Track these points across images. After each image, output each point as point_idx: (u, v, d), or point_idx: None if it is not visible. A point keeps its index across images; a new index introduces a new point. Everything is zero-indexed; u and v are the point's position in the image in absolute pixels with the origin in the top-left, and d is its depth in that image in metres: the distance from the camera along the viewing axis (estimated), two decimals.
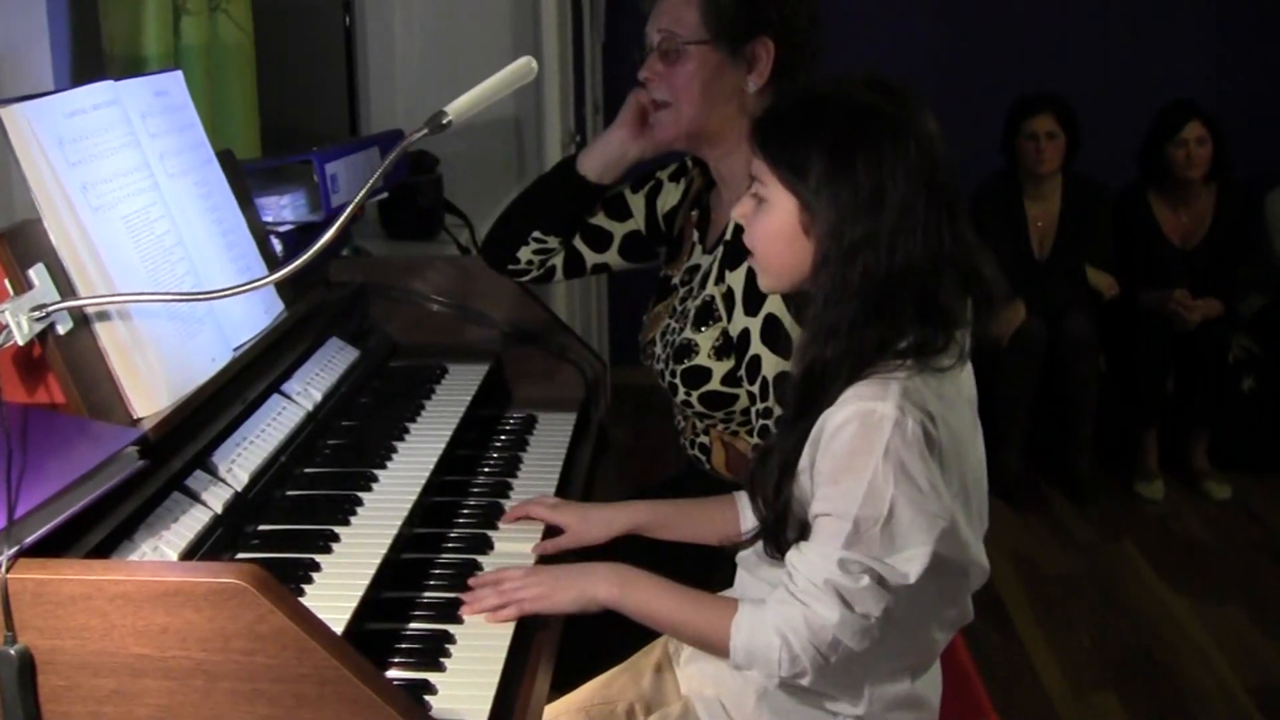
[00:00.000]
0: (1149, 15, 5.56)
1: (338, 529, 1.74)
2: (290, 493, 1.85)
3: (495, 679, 1.55)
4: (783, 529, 1.63)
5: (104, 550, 1.43)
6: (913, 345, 1.56)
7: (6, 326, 1.45)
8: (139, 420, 1.59)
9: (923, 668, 1.73)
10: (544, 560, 1.86)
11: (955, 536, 1.59)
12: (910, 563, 1.54)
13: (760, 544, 1.70)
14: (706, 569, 1.88)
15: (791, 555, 1.60)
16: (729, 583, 1.83)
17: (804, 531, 1.61)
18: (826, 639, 1.55)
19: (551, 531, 1.93)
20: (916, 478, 1.52)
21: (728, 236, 2.08)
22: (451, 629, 1.65)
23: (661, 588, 1.70)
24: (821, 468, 1.56)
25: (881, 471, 1.51)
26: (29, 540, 1.28)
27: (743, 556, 1.79)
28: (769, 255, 1.67)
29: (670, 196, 2.31)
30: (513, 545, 1.90)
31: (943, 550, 1.56)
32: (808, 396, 1.60)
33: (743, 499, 1.90)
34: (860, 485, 1.52)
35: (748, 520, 1.86)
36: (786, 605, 1.57)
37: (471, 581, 1.75)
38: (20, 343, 1.47)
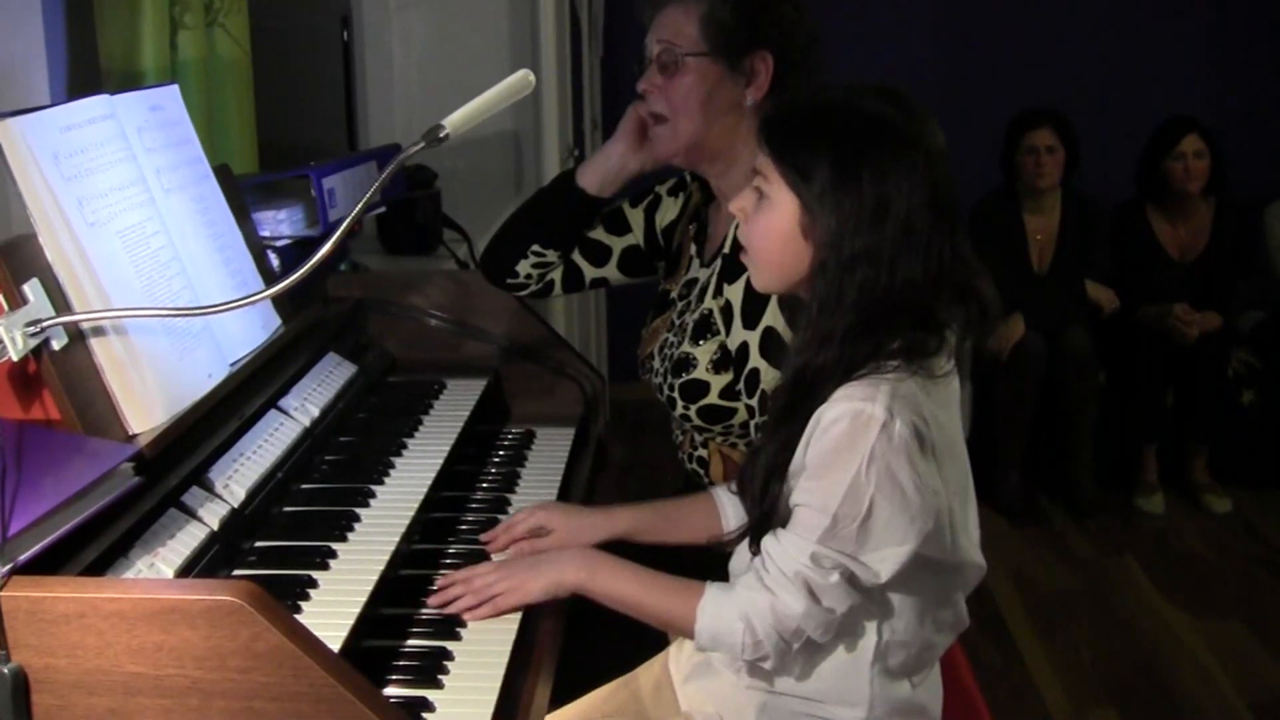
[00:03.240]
0: (1147, 30, 5.57)
1: (335, 545, 1.73)
2: (287, 509, 1.84)
3: (494, 696, 1.53)
4: (769, 528, 1.63)
5: (99, 568, 1.42)
6: (904, 346, 1.57)
7: (1, 342, 1.44)
8: (135, 436, 1.59)
9: (921, 671, 1.72)
10: None
11: (942, 537, 1.59)
12: (883, 563, 1.56)
13: (753, 558, 1.70)
14: (703, 573, 1.87)
15: (767, 541, 1.61)
16: None
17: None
18: (790, 627, 1.57)
19: None
20: (900, 480, 1.52)
21: (725, 250, 2.08)
22: (450, 646, 1.64)
23: (628, 571, 1.70)
24: (808, 460, 1.56)
25: (865, 472, 1.52)
26: (23, 558, 1.27)
27: (735, 570, 1.78)
28: (765, 252, 1.67)
29: (669, 211, 2.30)
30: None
31: (928, 552, 1.58)
32: (796, 399, 1.60)
33: (720, 495, 1.91)
34: (843, 483, 1.53)
35: (728, 517, 1.87)
36: (754, 591, 1.59)
37: (440, 581, 1.75)
38: (15, 358, 1.46)
